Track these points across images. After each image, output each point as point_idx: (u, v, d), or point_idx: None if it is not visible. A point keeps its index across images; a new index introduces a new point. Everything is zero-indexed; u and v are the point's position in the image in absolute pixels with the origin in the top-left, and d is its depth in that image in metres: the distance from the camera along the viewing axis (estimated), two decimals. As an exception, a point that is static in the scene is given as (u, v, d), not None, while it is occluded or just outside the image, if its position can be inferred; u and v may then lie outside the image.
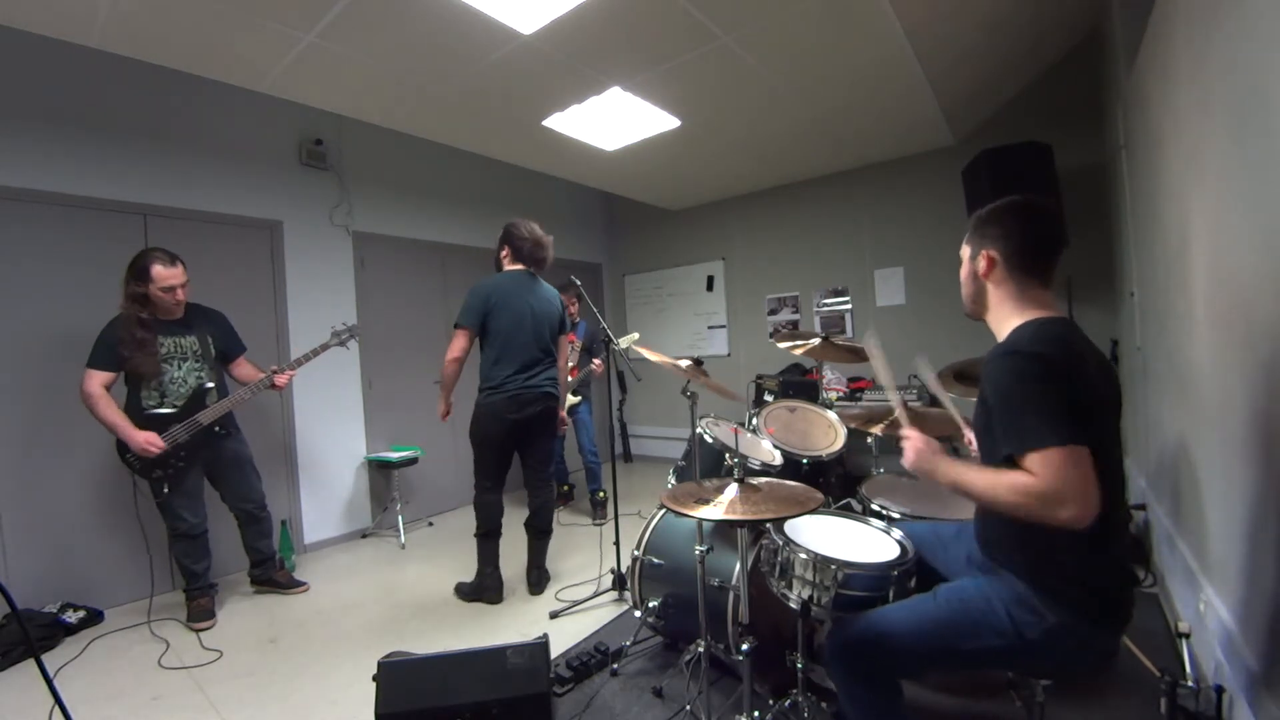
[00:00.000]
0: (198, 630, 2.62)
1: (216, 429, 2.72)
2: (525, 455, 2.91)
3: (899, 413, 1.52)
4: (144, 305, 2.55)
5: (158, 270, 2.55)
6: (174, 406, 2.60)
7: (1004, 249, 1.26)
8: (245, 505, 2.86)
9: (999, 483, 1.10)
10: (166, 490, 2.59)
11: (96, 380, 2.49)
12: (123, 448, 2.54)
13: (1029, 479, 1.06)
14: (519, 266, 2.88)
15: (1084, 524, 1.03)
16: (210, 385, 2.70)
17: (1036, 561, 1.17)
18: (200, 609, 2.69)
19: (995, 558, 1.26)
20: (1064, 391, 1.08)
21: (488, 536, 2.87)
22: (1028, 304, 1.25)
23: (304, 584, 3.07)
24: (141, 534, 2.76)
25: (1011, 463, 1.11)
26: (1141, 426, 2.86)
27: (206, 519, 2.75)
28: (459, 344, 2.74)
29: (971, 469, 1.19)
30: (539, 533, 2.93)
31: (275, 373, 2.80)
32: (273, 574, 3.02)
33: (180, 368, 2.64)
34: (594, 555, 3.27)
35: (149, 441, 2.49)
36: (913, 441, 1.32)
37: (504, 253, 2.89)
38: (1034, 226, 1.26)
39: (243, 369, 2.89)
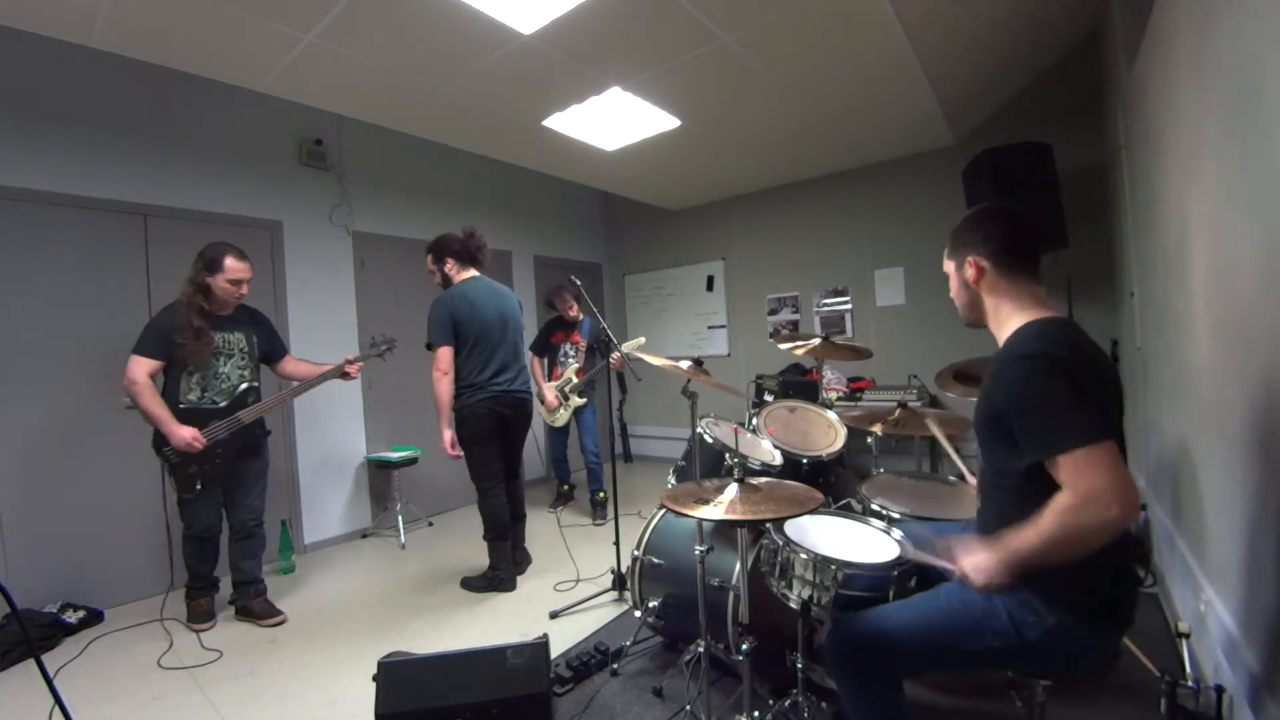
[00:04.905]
0: (197, 631, 2.61)
1: (258, 429, 2.71)
2: (504, 449, 3.02)
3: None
4: (206, 296, 2.52)
5: (230, 262, 2.54)
6: (213, 402, 2.55)
7: (988, 252, 1.29)
8: (249, 519, 2.73)
9: (1043, 524, 1.06)
10: (200, 487, 2.52)
11: (143, 368, 2.42)
12: (160, 440, 2.47)
13: (1065, 496, 1.04)
14: (469, 273, 2.94)
15: (1129, 522, 1.00)
16: (255, 385, 2.68)
17: None
18: (200, 609, 2.67)
19: None
20: (1079, 389, 1.08)
21: (499, 538, 2.94)
22: (1026, 302, 1.26)
23: (280, 614, 2.73)
24: (166, 531, 2.71)
25: (1038, 469, 1.11)
26: (1141, 426, 2.86)
27: (222, 521, 2.67)
28: (444, 360, 2.78)
29: (1016, 537, 1.11)
30: (515, 518, 3.07)
31: (349, 363, 2.82)
32: (250, 601, 2.72)
33: (225, 364, 2.60)
34: (594, 555, 3.27)
35: (194, 438, 2.44)
36: (969, 563, 1.18)
37: (448, 265, 2.94)
38: (1012, 225, 1.29)
39: (295, 366, 2.88)
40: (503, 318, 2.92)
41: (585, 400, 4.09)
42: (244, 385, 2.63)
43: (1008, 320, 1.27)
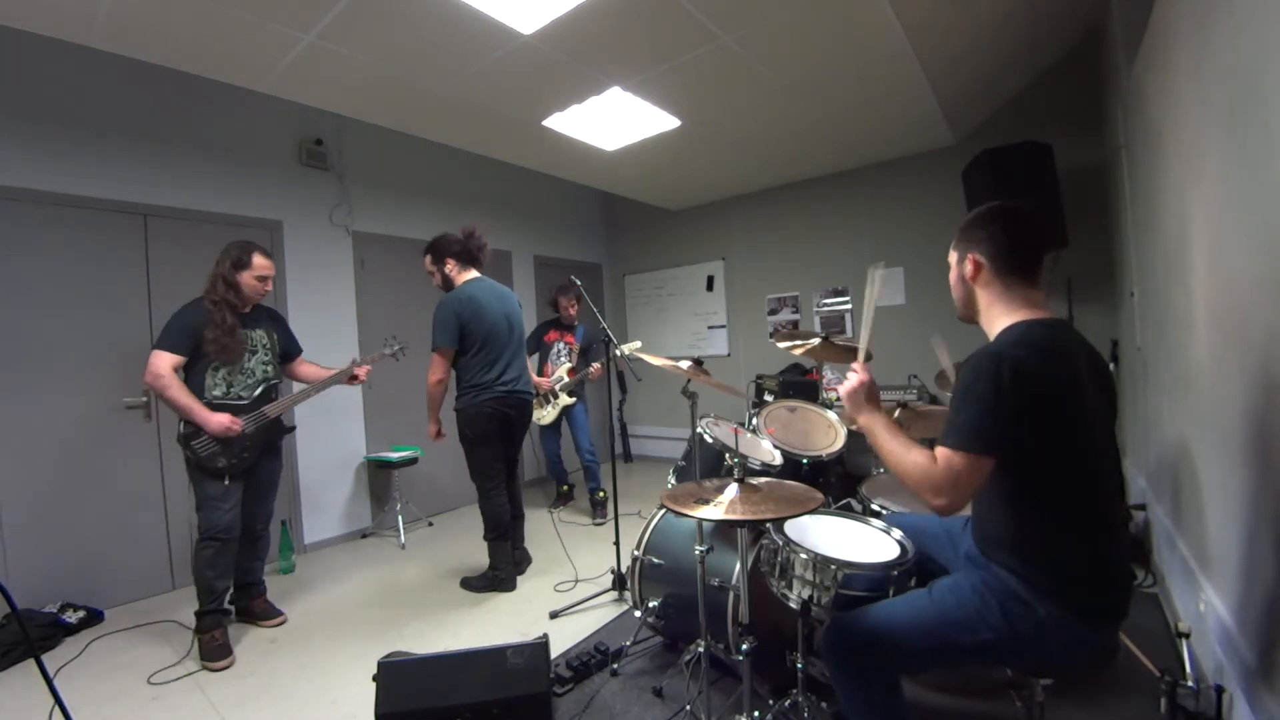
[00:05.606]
0: (213, 670, 2.31)
1: (282, 425, 2.68)
2: (505, 449, 3.04)
3: (861, 350, 1.56)
4: (236, 293, 2.50)
5: (259, 260, 2.53)
6: (239, 398, 2.51)
7: (989, 251, 1.29)
8: (257, 522, 2.69)
9: (907, 454, 1.22)
10: (228, 482, 2.45)
11: (168, 362, 2.36)
12: (188, 435, 2.40)
13: (930, 464, 1.17)
14: (470, 274, 2.95)
15: (946, 515, 1.19)
16: (276, 382, 2.66)
17: (1026, 555, 1.19)
18: (214, 644, 2.37)
19: (987, 551, 1.27)
20: (1013, 404, 1.10)
21: (500, 538, 2.95)
22: (1017, 304, 1.27)
23: (281, 614, 2.75)
24: (166, 532, 2.65)
25: (1021, 467, 1.14)
26: (1141, 426, 2.86)
27: (239, 524, 2.52)
28: (441, 366, 2.83)
29: (893, 430, 1.28)
30: (514, 516, 3.08)
31: (356, 365, 2.80)
32: (250, 602, 2.73)
33: (250, 360, 2.57)
34: (594, 555, 3.27)
35: (233, 421, 2.40)
36: (857, 376, 1.41)
37: (449, 266, 2.95)
38: (1016, 228, 1.29)
39: (306, 368, 2.85)
40: (509, 319, 2.95)
41: (575, 399, 4.11)
42: (267, 382, 2.61)
43: (997, 321, 1.28)
